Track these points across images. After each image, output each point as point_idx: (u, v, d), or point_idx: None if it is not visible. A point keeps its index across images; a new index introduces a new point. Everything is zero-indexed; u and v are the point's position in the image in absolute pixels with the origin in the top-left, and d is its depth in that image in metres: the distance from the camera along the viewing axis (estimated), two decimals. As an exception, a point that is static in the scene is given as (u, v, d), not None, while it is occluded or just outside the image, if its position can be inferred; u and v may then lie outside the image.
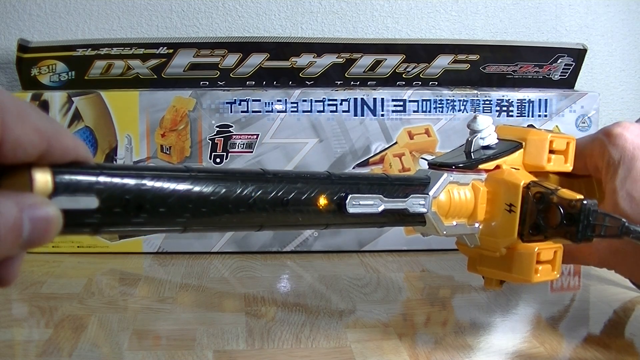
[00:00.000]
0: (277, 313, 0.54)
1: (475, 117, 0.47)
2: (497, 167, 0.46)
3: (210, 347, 0.47)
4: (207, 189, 0.32)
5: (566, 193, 0.43)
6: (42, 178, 0.25)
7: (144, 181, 0.29)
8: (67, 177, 0.26)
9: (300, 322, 0.52)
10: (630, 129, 0.47)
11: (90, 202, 0.27)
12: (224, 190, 0.33)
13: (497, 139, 0.47)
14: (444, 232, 0.44)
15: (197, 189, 0.31)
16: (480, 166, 0.46)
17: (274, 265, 0.68)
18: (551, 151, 0.47)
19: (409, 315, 0.55)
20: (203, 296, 0.58)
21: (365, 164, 0.72)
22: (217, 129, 0.70)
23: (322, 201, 0.37)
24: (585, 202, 0.42)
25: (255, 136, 0.70)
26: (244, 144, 0.70)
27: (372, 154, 0.72)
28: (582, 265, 0.62)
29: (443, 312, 0.55)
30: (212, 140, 0.70)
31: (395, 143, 0.72)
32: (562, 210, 0.43)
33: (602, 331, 0.51)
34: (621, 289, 0.60)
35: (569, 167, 0.49)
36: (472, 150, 0.47)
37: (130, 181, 0.29)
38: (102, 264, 0.67)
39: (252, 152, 0.70)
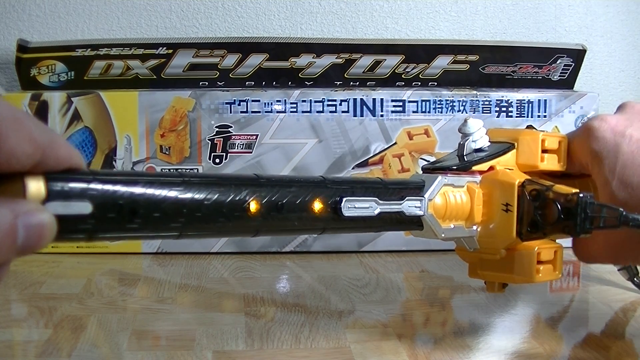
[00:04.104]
0: (277, 313, 0.54)
1: (465, 121, 0.47)
2: (491, 168, 0.46)
3: (210, 347, 0.47)
4: (200, 193, 0.32)
5: (562, 188, 0.43)
6: (35, 185, 0.26)
7: (138, 186, 0.29)
8: (59, 183, 0.27)
9: (299, 322, 0.52)
10: (607, 119, 0.47)
11: (84, 208, 0.27)
12: (217, 194, 0.33)
13: (489, 141, 0.48)
14: (442, 235, 0.44)
15: (190, 193, 0.31)
16: (474, 168, 0.46)
17: (273, 266, 0.68)
18: (544, 150, 0.47)
19: (408, 316, 0.55)
20: (202, 296, 0.58)
21: (364, 164, 0.72)
22: (217, 129, 0.70)
23: (317, 205, 0.37)
24: (581, 195, 0.42)
25: (254, 136, 0.70)
26: (243, 145, 0.70)
27: (371, 155, 0.72)
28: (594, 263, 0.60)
29: (442, 313, 0.55)
30: (212, 140, 0.70)
31: (395, 143, 0.72)
32: (559, 206, 0.43)
33: (602, 332, 0.51)
34: (621, 290, 0.60)
35: (562, 166, 0.49)
36: (464, 154, 0.47)
37: (124, 186, 0.29)
38: (101, 264, 0.67)
39: (251, 152, 0.70)
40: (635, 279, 0.58)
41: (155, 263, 0.68)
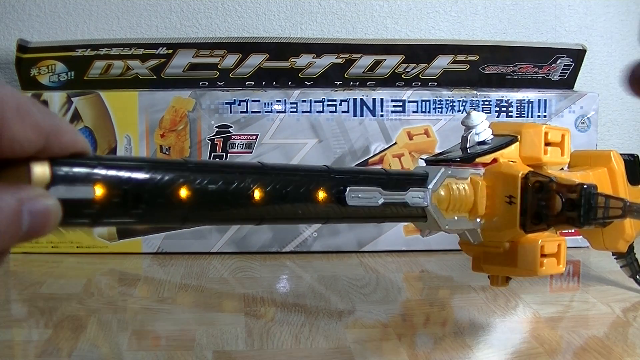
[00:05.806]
0: (277, 313, 0.54)
1: (469, 113, 0.47)
2: (494, 160, 0.46)
3: (210, 347, 0.47)
4: (205, 180, 0.32)
5: (565, 179, 0.43)
6: (40, 169, 0.26)
7: (142, 171, 0.29)
8: (64, 168, 0.27)
9: (299, 322, 0.52)
10: None
11: (88, 192, 0.27)
12: (221, 181, 0.33)
13: (492, 134, 0.48)
14: (446, 227, 0.43)
15: (195, 179, 0.32)
16: (478, 160, 0.46)
17: (273, 266, 0.68)
18: (547, 143, 0.47)
19: (408, 316, 0.55)
20: (202, 296, 0.58)
21: (364, 164, 0.72)
22: (217, 129, 0.70)
23: (322, 194, 0.37)
24: (585, 186, 0.42)
25: (254, 136, 0.70)
26: (243, 145, 0.70)
27: (371, 155, 0.72)
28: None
29: (442, 313, 0.55)
30: (212, 140, 0.70)
31: (395, 143, 0.72)
32: (562, 197, 0.43)
33: (602, 332, 0.51)
34: (621, 290, 0.60)
35: (566, 160, 0.49)
36: (468, 146, 0.47)
37: (128, 171, 0.29)
38: (101, 264, 0.67)
39: (251, 152, 0.70)
40: (637, 276, 0.58)
41: (155, 263, 0.68)
